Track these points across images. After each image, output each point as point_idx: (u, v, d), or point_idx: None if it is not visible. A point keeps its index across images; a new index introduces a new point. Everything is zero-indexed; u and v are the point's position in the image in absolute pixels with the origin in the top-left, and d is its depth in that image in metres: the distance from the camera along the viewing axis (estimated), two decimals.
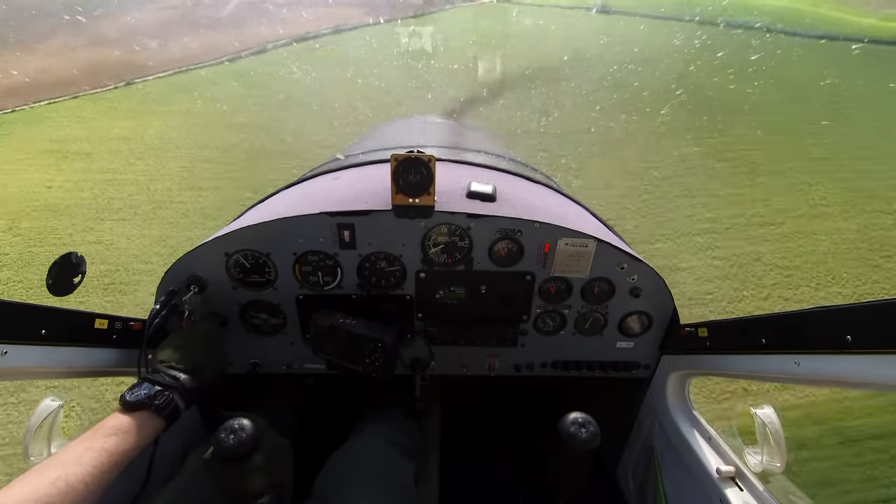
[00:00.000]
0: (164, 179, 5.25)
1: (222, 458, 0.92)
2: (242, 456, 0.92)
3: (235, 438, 0.91)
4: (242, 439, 0.91)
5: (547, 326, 1.37)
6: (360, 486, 1.11)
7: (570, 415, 1.07)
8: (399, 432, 1.36)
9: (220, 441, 0.91)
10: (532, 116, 6.92)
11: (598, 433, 1.04)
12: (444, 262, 1.26)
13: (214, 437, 0.91)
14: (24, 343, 0.94)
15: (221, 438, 0.91)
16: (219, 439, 0.91)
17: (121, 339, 1.16)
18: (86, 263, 1.05)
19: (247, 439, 0.92)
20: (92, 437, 0.85)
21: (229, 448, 0.91)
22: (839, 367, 0.81)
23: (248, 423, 0.94)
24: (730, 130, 6.47)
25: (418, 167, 1.09)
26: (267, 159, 5.71)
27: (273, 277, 1.27)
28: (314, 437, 1.37)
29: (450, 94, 7.84)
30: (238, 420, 0.94)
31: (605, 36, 11.16)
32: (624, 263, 1.26)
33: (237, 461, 0.92)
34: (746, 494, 1.10)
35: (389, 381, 1.30)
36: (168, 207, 4.77)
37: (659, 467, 1.42)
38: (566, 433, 1.04)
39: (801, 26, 11.00)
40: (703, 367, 1.23)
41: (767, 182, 5.38)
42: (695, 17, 11.68)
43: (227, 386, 1.24)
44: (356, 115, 6.78)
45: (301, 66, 9.03)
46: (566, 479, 1.19)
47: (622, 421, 1.62)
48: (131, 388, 0.96)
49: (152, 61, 8.44)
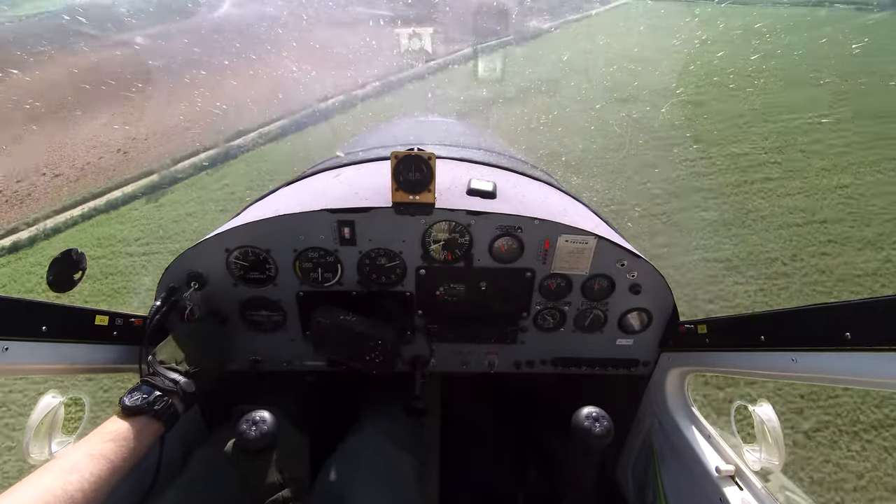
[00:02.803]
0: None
1: (245, 449, 0.91)
2: (265, 448, 0.92)
3: (258, 430, 0.91)
4: (265, 431, 0.91)
5: (547, 323, 1.37)
6: (360, 484, 1.11)
7: (583, 409, 1.06)
8: (399, 430, 1.36)
9: (243, 433, 0.90)
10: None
11: (612, 428, 1.03)
12: (445, 259, 1.26)
13: (236, 429, 0.91)
14: (25, 339, 0.94)
15: (244, 430, 0.91)
16: (241, 431, 0.91)
17: (121, 336, 1.16)
18: (86, 260, 1.05)
19: (269, 431, 0.91)
20: (90, 442, 0.84)
21: (252, 440, 0.90)
22: (839, 365, 0.81)
23: (270, 416, 0.94)
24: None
25: (419, 164, 1.09)
26: None
27: (273, 274, 1.27)
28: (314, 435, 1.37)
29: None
30: (259, 412, 0.94)
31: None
32: (624, 260, 1.26)
33: (260, 453, 0.92)
34: (746, 493, 1.10)
35: (389, 379, 1.30)
36: None
37: (658, 466, 1.42)
38: (580, 428, 1.03)
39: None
40: (703, 364, 1.23)
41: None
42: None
43: (228, 383, 1.24)
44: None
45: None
46: (577, 476, 1.18)
47: (622, 418, 1.61)
48: (130, 391, 0.96)
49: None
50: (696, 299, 3.65)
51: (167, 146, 6.50)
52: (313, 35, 10.10)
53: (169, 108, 7.64)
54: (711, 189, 5.11)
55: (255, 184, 5.51)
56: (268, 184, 5.34)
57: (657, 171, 5.46)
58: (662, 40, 10.21)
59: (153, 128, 7.03)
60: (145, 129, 6.98)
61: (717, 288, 3.75)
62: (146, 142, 6.70)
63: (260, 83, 8.33)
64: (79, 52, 9.66)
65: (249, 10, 11.30)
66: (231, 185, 5.61)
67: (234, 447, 0.93)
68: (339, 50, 9.30)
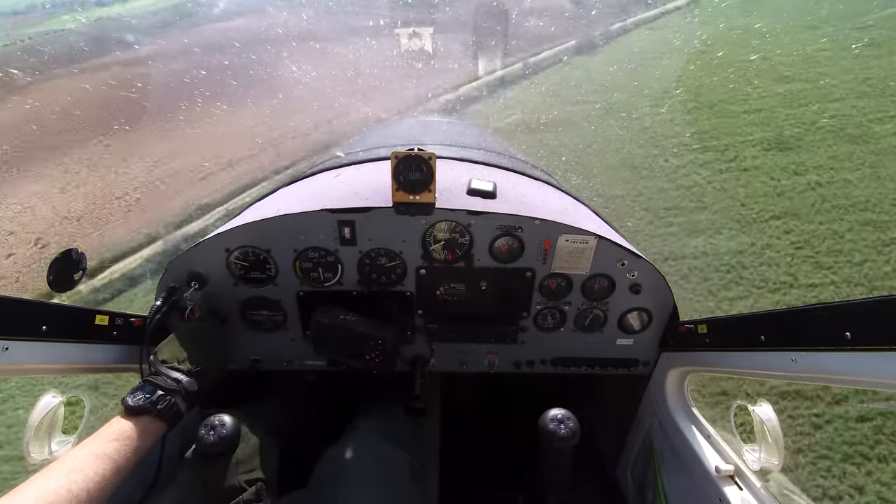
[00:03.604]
0: None
1: (202, 454, 0.92)
2: (223, 452, 0.93)
3: (216, 435, 0.92)
4: (223, 436, 0.92)
5: (547, 323, 1.37)
6: (354, 481, 1.11)
7: (549, 411, 1.07)
8: (399, 429, 1.36)
9: (201, 438, 0.92)
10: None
11: (578, 429, 1.04)
12: (445, 259, 1.26)
13: (196, 434, 0.92)
14: (25, 339, 0.94)
15: (202, 435, 0.92)
16: (199, 436, 0.92)
17: (122, 336, 1.17)
18: (86, 260, 1.05)
19: (227, 435, 0.92)
20: (94, 442, 0.85)
21: (209, 444, 0.91)
22: (839, 365, 0.81)
23: (230, 420, 0.94)
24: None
25: (419, 164, 1.09)
26: None
27: (274, 274, 1.27)
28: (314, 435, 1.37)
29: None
30: (219, 416, 0.95)
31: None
32: (624, 260, 1.26)
33: (217, 457, 0.93)
34: (746, 493, 1.10)
35: (389, 378, 1.30)
36: None
37: (658, 465, 1.42)
38: (545, 430, 1.05)
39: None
40: (703, 364, 1.23)
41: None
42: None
43: (228, 383, 1.24)
44: None
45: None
46: (553, 477, 1.19)
47: (621, 418, 1.62)
48: (133, 391, 0.96)
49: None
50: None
51: (107, 230, 4.56)
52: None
53: (126, 164, 5.50)
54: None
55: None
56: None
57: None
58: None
59: (98, 197, 4.89)
60: (83, 202, 4.79)
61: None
62: (78, 223, 4.63)
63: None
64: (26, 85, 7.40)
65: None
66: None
67: (194, 452, 0.93)
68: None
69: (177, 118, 6.52)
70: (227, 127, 6.53)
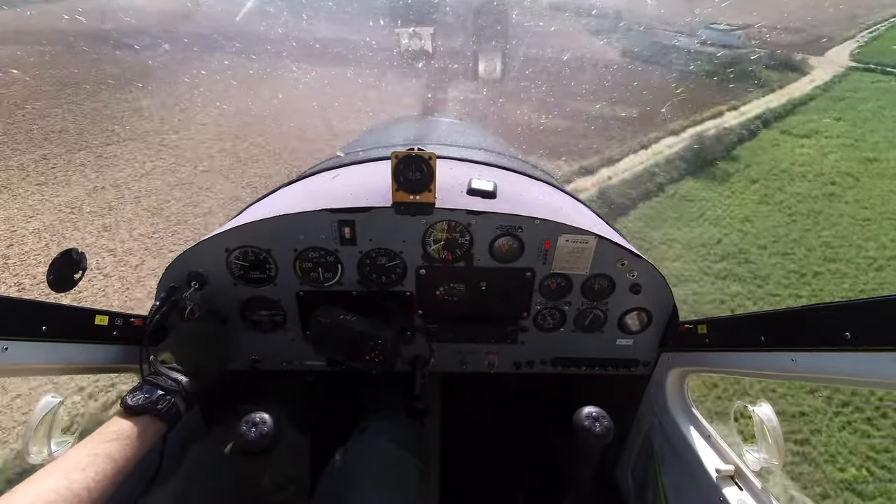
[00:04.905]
0: None
1: (244, 451, 0.91)
2: (265, 449, 0.92)
3: (257, 432, 0.91)
4: (264, 433, 0.91)
5: (547, 323, 1.37)
6: (364, 485, 1.11)
7: (584, 409, 1.07)
8: (401, 430, 1.36)
9: (243, 434, 0.91)
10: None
11: (612, 428, 1.04)
12: (445, 259, 1.26)
13: (235, 430, 0.91)
14: (25, 339, 0.94)
15: (244, 431, 0.91)
16: (241, 432, 0.91)
17: (121, 336, 1.16)
18: (86, 259, 1.05)
19: (268, 433, 0.92)
20: (94, 441, 0.85)
21: (251, 441, 0.90)
22: (839, 365, 0.81)
23: (269, 417, 0.94)
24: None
25: (419, 164, 1.09)
26: None
27: (273, 274, 1.27)
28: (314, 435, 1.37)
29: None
30: (259, 414, 0.94)
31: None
32: (624, 260, 1.26)
33: (259, 454, 0.92)
34: (745, 493, 1.10)
35: (389, 379, 1.30)
36: None
37: (658, 466, 1.42)
38: (581, 427, 1.04)
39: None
40: (703, 364, 1.23)
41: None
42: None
43: (228, 382, 1.24)
44: None
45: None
46: (577, 474, 1.19)
47: (621, 419, 1.61)
48: (132, 391, 0.96)
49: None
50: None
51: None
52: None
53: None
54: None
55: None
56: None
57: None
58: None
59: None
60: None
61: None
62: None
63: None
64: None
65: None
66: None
67: (234, 448, 0.93)
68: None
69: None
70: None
